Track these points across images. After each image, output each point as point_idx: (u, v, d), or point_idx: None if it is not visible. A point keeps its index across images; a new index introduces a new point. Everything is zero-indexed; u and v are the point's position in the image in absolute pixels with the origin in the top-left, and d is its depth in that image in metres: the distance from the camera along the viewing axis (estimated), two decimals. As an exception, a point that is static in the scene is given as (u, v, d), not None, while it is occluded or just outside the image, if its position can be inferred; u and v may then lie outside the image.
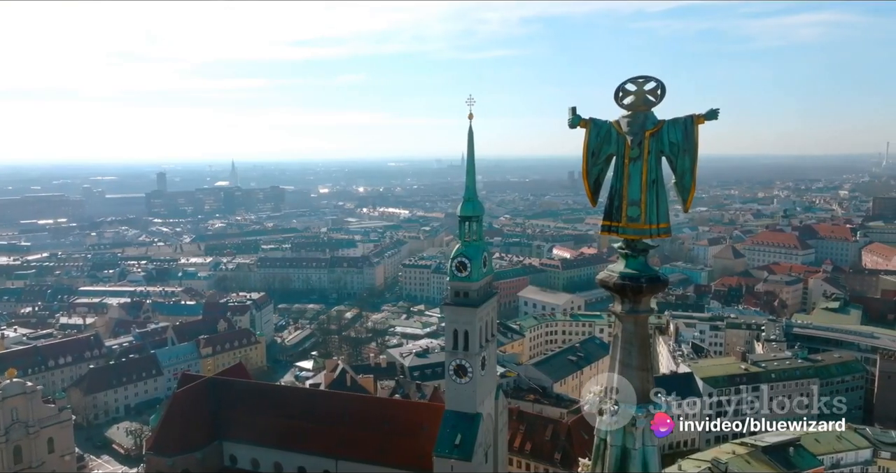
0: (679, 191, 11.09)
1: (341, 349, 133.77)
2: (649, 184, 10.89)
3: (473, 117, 55.64)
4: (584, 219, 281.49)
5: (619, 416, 11.27)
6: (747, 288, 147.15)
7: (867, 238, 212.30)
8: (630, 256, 11.33)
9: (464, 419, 56.86)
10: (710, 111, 10.78)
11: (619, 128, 11.13)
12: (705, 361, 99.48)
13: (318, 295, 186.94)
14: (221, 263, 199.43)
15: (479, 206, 58.59)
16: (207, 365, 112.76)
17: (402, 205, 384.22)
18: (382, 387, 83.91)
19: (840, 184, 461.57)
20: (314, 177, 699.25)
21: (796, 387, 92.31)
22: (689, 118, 10.84)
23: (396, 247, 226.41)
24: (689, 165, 10.82)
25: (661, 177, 11.06)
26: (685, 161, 10.83)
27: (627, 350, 11.31)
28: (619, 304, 11.41)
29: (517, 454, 72.45)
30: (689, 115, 10.87)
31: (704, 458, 66.04)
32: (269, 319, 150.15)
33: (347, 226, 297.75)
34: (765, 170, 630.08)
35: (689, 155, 10.81)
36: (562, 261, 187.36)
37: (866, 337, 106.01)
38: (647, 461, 11.31)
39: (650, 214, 10.96)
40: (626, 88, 11.15)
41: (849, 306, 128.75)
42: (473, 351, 56.38)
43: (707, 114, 10.78)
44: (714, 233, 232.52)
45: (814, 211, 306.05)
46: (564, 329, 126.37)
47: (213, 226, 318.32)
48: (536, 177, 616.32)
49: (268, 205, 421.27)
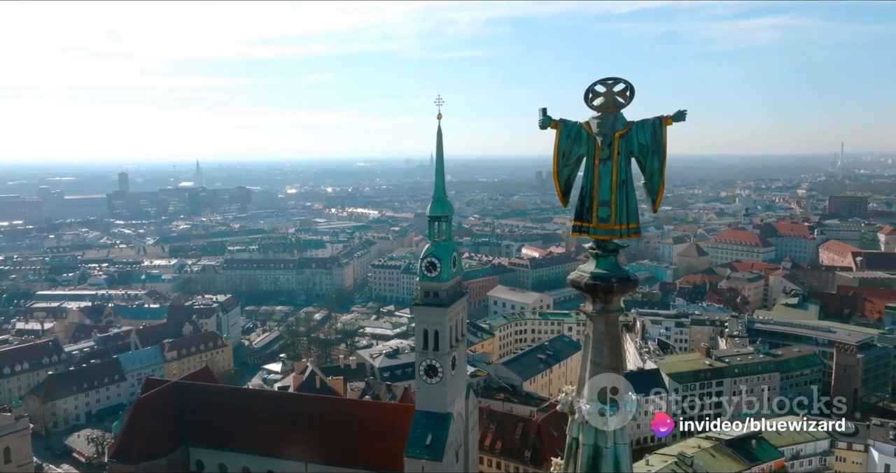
0: (648, 191, 11.21)
1: (310, 351, 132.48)
2: (619, 185, 10.98)
3: (442, 117, 55.79)
4: (552, 219, 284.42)
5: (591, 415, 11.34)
6: (711, 286, 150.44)
7: (824, 235, 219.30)
8: (601, 256, 11.41)
9: (434, 419, 56.83)
10: (678, 112, 10.92)
11: (589, 130, 11.20)
12: (671, 357, 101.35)
13: (286, 296, 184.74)
14: (186, 265, 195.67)
15: (448, 206, 58.61)
16: (172, 370, 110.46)
17: (371, 206, 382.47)
18: (352, 389, 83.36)
19: (798, 183, 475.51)
20: (281, 177, 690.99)
21: (758, 381, 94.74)
22: (658, 119, 10.97)
23: (365, 248, 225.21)
24: (657, 166, 10.95)
25: (631, 177, 11.16)
26: (654, 162, 10.96)
27: (599, 349, 11.40)
28: (591, 304, 11.48)
29: (488, 453, 72.72)
30: (658, 117, 10.99)
31: (671, 453, 67.34)
32: (236, 322, 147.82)
33: (316, 227, 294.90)
34: (727, 169, 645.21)
35: (657, 156, 10.94)
36: (531, 261, 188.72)
37: (823, 331, 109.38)
38: (619, 459, 11.41)
39: (620, 215, 11.06)
40: (595, 90, 11.22)
41: (807, 302, 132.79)
42: (443, 351, 56.40)
43: (675, 116, 10.91)
44: (679, 232, 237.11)
45: (774, 209, 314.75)
46: (534, 327, 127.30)
47: (178, 227, 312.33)
48: (505, 177, 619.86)
49: (234, 205, 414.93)
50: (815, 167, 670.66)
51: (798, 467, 73.06)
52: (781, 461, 70.47)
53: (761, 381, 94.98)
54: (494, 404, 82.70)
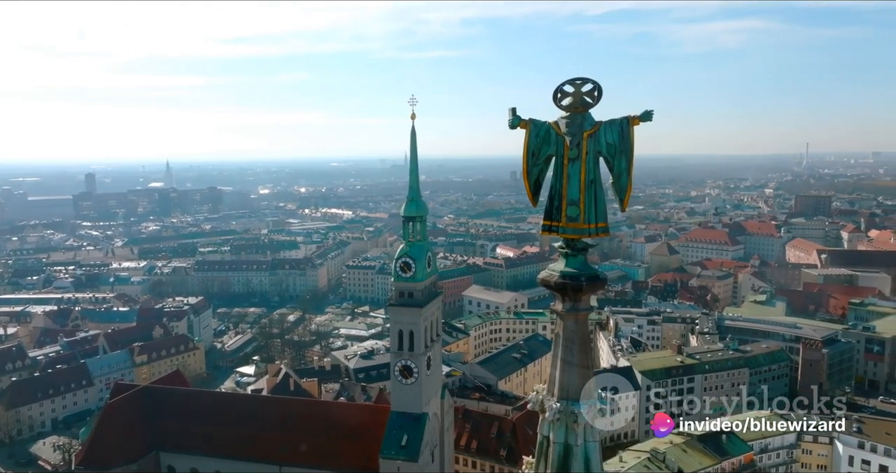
0: (616, 191, 11.32)
1: (284, 353, 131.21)
2: (588, 185, 11.07)
3: (416, 117, 55.73)
4: (526, 219, 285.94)
5: (561, 413, 11.41)
6: (682, 284, 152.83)
7: (790, 234, 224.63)
8: (570, 255, 11.49)
9: (410, 419, 56.71)
10: (645, 112, 11.04)
11: (557, 129, 11.26)
12: (643, 355, 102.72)
13: (259, 298, 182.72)
14: (156, 267, 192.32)
15: (422, 206, 58.53)
16: (142, 374, 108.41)
17: (345, 206, 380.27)
18: (327, 390, 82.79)
19: (766, 182, 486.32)
20: (254, 177, 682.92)
21: (728, 377, 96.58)
22: (625, 119, 11.08)
23: (340, 248, 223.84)
24: (625, 166, 11.07)
25: (599, 177, 11.26)
26: (622, 161, 11.07)
27: (569, 348, 11.48)
28: (560, 303, 11.55)
29: (463, 452, 72.83)
30: (625, 117, 11.10)
31: (644, 449, 68.23)
32: (208, 324, 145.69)
33: (289, 228, 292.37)
34: (697, 169, 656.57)
35: (625, 155, 11.05)
36: (505, 260, 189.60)
37: (790, 327, 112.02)
38: (590, 457, 11.51)
39: (589, 214, 11.14)
40: (564, 90, 11.30)
41: (774, 299, 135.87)
42: (419, 352, 56.32)
43: (642, 116, 11.04)
44: (650, 231, 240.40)
45: (742, 208, 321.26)
46: (508, 327, 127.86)
47: (147, 228, 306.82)
48: (479, 177, 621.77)
49: (205, 206, 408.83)
50: (782, 167, 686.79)
51: (766, 460, 74.63)
52: (750, 455, 71.93)
53: (731, 377, 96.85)
54: (470, 403, 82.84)
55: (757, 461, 73.13)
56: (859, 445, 70.58)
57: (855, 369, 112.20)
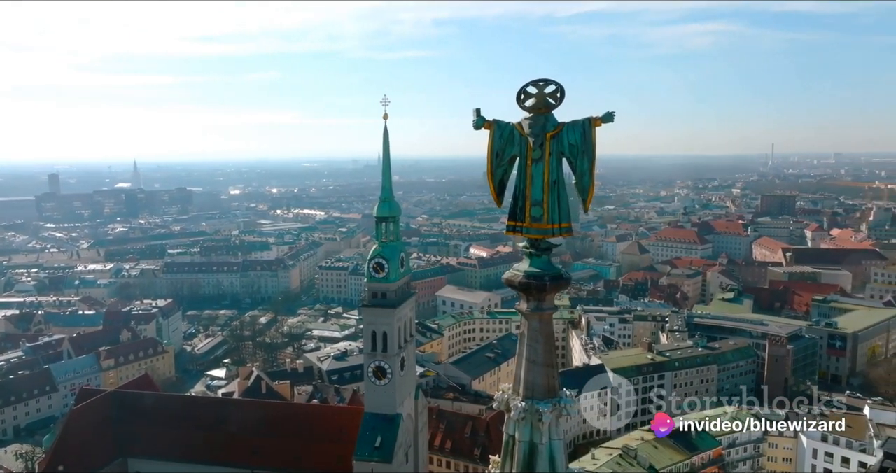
0: (579, 191, 11.44)
1: (256, 355, 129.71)
2: (551, 185, 11.18)
3: (389, 117, 55.60)
4: (499, 219, 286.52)
5: (526, 412, 11.50)
6: (652, 282, 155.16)
7: (757, 233, 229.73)
8: (534, 255, 11.59)
9: (384, 420, 56.49)
10: (607, 114, 11.18)
11: (521, 130, 11.36)
12: (615, 353, 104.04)
13: (230, 300, 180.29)
14: (124, 269, 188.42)
15: (395, 207, 58.39)
16: (109, 379, 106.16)
17: (318, 206, 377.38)
18: (300, 393, 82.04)
19: (733, 182, 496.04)
20: (224, 177, 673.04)
21: (697, 374, 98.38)
22: (587, 120, 11.21)
23: (312, 249, 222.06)
24: (587, 166, 11.20)
25: (563, 177, 11.37)
26: (584, 162, 11.19)
27: (533, 347, 11.57)
28: (525, 302, 11.64)
29: (437, 452, 72.86)
30: (587, 118, 11.23)
31: (616, 446, 69.12)
32: (178, 327, 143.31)
33: (260, 229, 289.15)
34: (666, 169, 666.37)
35: (587, 156, 11.18)
36: (478, 260, 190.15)
37: (756, 324, 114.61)
38: (554, 455, 11.61)
39: (552, 214, 11.25)
40: (527, 91, 11.38)
41: (742, 296, 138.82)
42: (392, 352, 56.14)
43: (604, 117, 11.17)
44: (621, 230, 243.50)
45: (710, 208, 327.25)
46: (482, 326, 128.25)
47: (114, 230, 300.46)
48: (452, 177, 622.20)
49: (174, 207, 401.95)
50: (749, 167, 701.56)
51: (734, 454, 76.24)
52: (719, 449, 73.39)
53: (701, 374, 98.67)
54: (444, 403, 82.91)
55: (725, 455, 74.65)
56: (822, 438, 72.48)
57: (818, 364, 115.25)
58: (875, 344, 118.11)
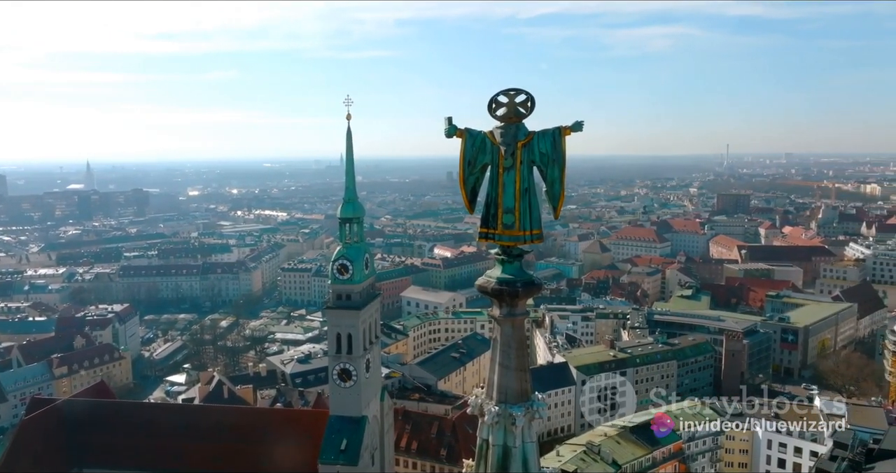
0: (549, 199, 11.67)
1: (217, 360, 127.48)
2: (522, 193, 11.37)
3: (352, 117, 55.24)
4: (463, 219, 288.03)
5: (499, 416, 11.65)
6: (614, 280, 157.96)
7: (713, 231, 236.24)
8: (506, 262, 11.76)
9: (349, 423, 56.13)
10: (576, 123, 11.44)
11: (493, 139, 11.52)
12: (578, 350, 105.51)
13: (189, 304, 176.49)
14: (77, 274, 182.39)
15: (359, 208, 58.08)
16: (63, 387, 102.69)
17: (280, 208, 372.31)
18: (263, 397, 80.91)
19: (690, 182, 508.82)
20: (182, 178, 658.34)
21: (658, 370, 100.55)
22: (557, 130, 11.44)
23: (274, 251, 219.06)
24: (557, 174, 11.43)
25: (534, 185, 11.57)
26: (554, 170, 11.42)
27: (506, 352, 11.73)
28: (497, 308, 11.80)
29: (404, 454, 72.76)
30: (557, 127, 11.47)
31: (580, 442, 70.12)
32: (135, 332, 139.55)
33: (221, 230, 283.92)
34: (626, 169, 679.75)
35: (557, 165, 11.41)
36: (443, 260, 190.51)
37: (714, 320, 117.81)
38: (527, 457, 11.80)
39: (524, 221, 11.44)
40: (498, 100, 11.54)
41: (700, 293, 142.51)
42: (357, 354, 55.82)
43: (573, 126, 11.43)
44: (583, 230, 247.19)
45: (669, 207, 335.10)
46: (447, 326, 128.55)
47: (66, 233, 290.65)
48: (416, 178, 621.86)
49: (130, 209, 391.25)
50: (705, 167, 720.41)
51: (694, 447, 78.17)
52: (679, 443, 75.14)
53: (661, 369, 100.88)
54: (410, 404, 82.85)
55: (685, 449, 76.50)
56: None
57: (772, 358, 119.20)
58: (825, 338, 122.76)
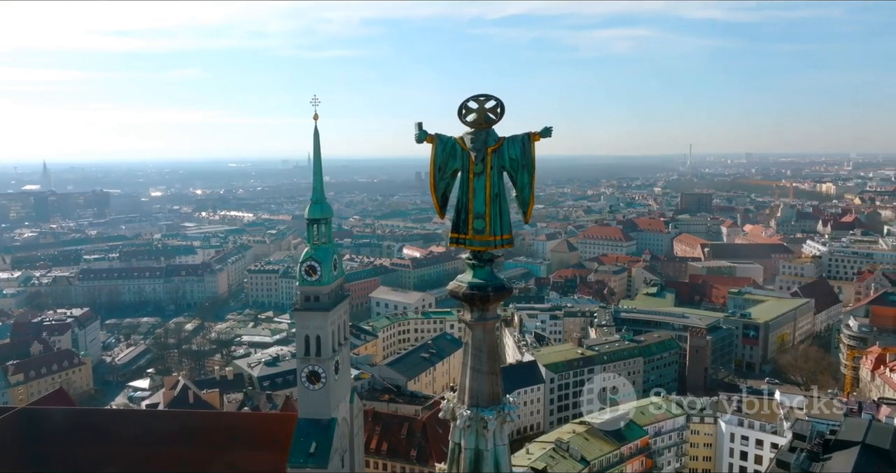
0: (519, 204, 11.78)
1: (182, 364, 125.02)
2: (493, 198, 11.45)
3: (319, 117, 54.98)
4: (432, 219, 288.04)
5: (471, 420, 11.72)
6: (581, 279, 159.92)
7: (677, 229, 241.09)
8: (477, 266, 11.83)
9: (318, 426, 55.62)
10: (545, 129, 11.57)
11: (463, 145, 11.57)
12: (547, 349, 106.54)
13: (152, 307, 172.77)
14: (33, 277, 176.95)
15: (327, 208, 57.63)
16: (19, 395, 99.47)
17: (246, 208, 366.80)
18: (229, 401, 79.67)
19: (655, 181, 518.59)
20: (144, 179, 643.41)
21: (625, 366, 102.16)
22: (527, 135, 11.55)
23: (240, 252, 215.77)
24: (527, 180, 11.54)
25: (504, 190, 11.66)
26: (524, 176, 11.53)
27: (477, 356, 11.80)
28: (469, 312, 11.86)
29: (374, 455, 72.42)
30: (526, 133, 11.58)
31: (549, 440, 70.84)
32: (96, 337, 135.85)
33: (185, 232, 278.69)
34: (593, 169, 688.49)
35: (527, 170, 11.52)
36: (412, 260, 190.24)
37: (678, 317, 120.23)
38: (499, 459, 11.91)
39: (494, 226, 11.52)
40: (468, 106, 11.61)
41: (664, 291, 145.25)
42: (326, 356, 55.37)
43: (542, 132, 11.56)
44: (551, 229, 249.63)
45: (634, 206, 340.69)
46: (417, 327, 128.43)
47: (22, 235, 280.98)
48: (384, 178, 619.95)
49: (89, 210, 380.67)
50: (669, 167, 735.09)
51: (660, 442, 79.75)
52: (646, 438, 76.55)
53: (628, 366, 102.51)
54: (379, 405, 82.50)
55: (652, 444, 77.97)
56: (739, 423, 77.00)
57: (734, 353, 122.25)
58: (784, 333, 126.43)
